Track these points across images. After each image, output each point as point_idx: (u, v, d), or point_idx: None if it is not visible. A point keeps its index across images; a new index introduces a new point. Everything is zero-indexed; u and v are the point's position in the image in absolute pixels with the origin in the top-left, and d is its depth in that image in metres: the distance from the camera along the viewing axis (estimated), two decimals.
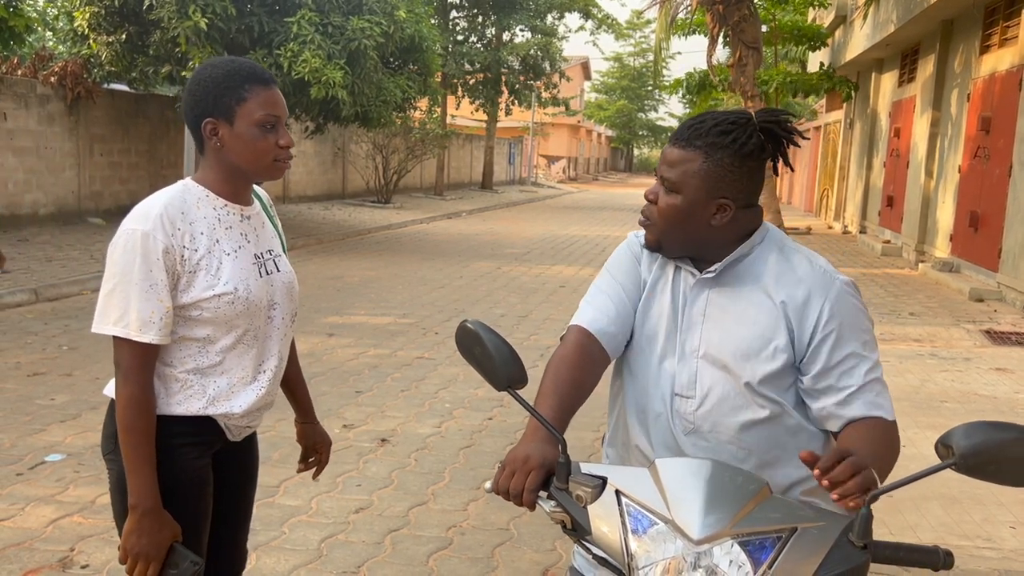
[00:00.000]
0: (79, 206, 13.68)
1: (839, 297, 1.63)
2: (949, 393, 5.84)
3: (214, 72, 1.81)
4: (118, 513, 1.87)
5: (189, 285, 1.79)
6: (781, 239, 1.71)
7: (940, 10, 11.85)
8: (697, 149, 1.60)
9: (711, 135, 1.59)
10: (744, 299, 1.65)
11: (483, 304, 9.09)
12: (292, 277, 2.00)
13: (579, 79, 54.32)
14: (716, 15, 14.70)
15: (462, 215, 21.50)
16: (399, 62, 14.45)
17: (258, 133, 1.80)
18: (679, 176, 1.61)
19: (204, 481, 1.90)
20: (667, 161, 1.64)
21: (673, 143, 1.65)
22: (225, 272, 1.81)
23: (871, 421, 1.59)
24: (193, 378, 1.85)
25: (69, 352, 6.28)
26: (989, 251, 10.18)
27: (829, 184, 22.73)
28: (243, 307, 1.83)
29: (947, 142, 12.55)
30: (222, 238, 1.83)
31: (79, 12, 12.26)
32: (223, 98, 1.79)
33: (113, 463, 1.87)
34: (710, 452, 1.63)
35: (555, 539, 3.58)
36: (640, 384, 1.72)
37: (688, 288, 1.70)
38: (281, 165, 1.86)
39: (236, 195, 1.89)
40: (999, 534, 3.67)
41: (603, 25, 32.97)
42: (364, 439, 4.71)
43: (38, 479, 3.99)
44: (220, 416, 1.89)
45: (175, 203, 1.80)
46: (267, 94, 1.81)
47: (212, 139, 1.82)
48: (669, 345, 1.69)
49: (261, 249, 1.92)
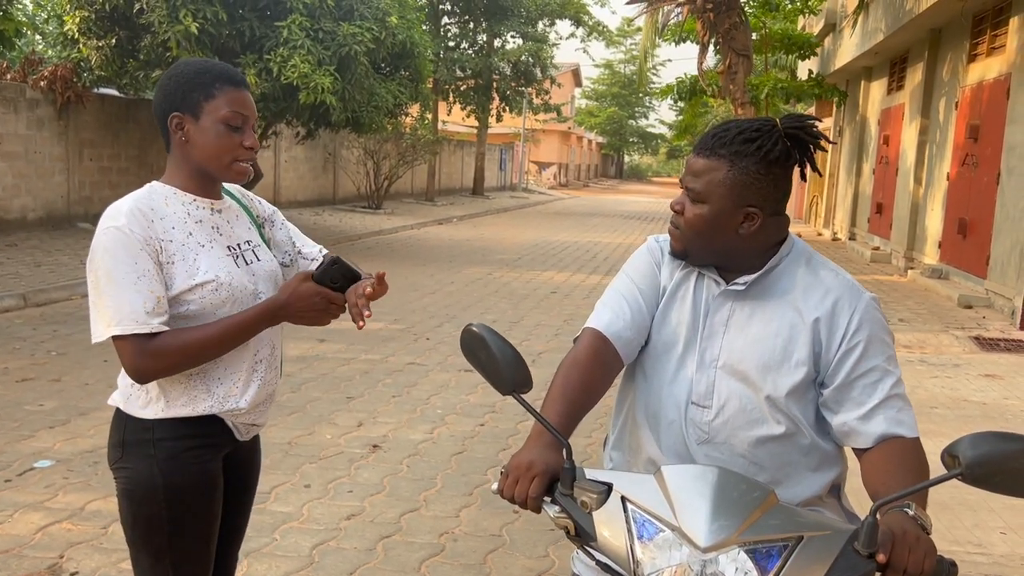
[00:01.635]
0: (68, 211, 13.60)
1: (867, 310, 1.62)
2: (939, 399, 5.86)
3: (186, 69, 1.81)
4: (126, 521, 1.85)
5: (170, 277, 1.77)
6: (808, 252, 1.70)
7: (928, 19, 11.94)
8: (722, 158, 1.58)
9: (736, 143, 1.58)
10: (769, 311, 1.64)
11: (474, 310, 9.08)
12: (275, 265, 1.98)
13: (570, 86, 54.42)
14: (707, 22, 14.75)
15: (453, 221, 21.48)
16: (391, 68, 14.44)
17: (223, 130, 1.80)
18: (705, 186, 1.60)
19: (215, 485, 1.89)
20: (692, 171, 1.62)
21: (697, 153, 1.62)
22: (202, 262, 1.80)
23: (897, 443, 1.56)
24: (195, 379, 1.83)
25: (58, 358, 6.23)
26: (977, 258, 10.24)
27: (818, 191, 22.84)
28: (227, 294, 1.82)
29: (936, 150, 12.63)
30: (194, 231, 1.83)
31: (69, 16, 12.21)
32: (192, 93, 1.79)
33: (119, 472, 1.84)
34: (721, 464, 1.61)
35: (548, 545, 3.57)
36: (654, 390, 1.70)
37: (712, 297, 1.68)
38: (241, 167, 1.84)
39: (204, 191, 1.88)
40: (990, 540, 3.67)
41: (594, 32, 33.03)
42: (356, 445, 4.69)
43: (27, 485, 3.95)
44: (227, 413, 1.87)
45: (143, 200, 1.80)
46: (236, 94, 1.81)
47: (177, 133, 1.81)
48: (688, 353, 1.67)
49: (236, 241, 1.91)
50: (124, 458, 1.82)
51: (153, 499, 1.80)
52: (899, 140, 14.56)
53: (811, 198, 24.06)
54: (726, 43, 14.81)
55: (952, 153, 11.70)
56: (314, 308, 1.83)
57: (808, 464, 1.64)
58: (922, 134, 13.14)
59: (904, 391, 1.62)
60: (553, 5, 29.83)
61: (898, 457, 1.53)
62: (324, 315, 1.85)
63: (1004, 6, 10.21)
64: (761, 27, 17.54)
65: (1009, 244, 9.19)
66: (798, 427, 1.62)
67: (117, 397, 1.88)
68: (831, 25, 18.68)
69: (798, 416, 1.61)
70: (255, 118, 1.87)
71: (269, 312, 1.82)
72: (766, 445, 1.61)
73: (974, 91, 11.02)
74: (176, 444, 1.81)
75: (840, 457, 1.70)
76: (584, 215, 26.61)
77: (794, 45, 18.04)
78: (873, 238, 16.00)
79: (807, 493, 1.64)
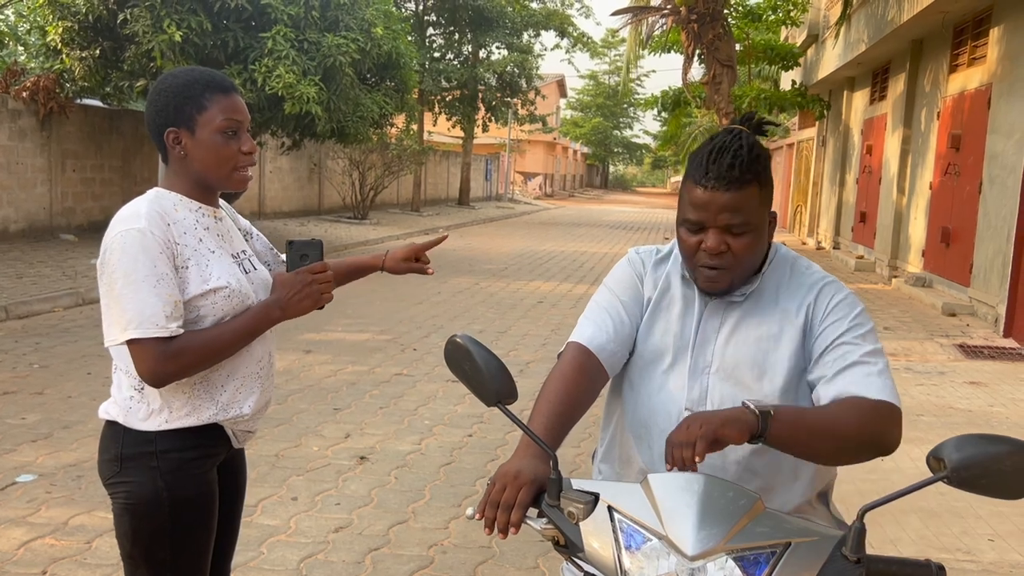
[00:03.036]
0: (51, 222, 13.50)
1: (847, 296, 1.67)
2: (925, 407, 5.89)
3: (174, 82, 1.81)
4: (125, 536, 1.82)
5: (184, 282, 1.77)
6: (792, 255, 1.74)
7: (910, 30, 12.06)
8: (749, 183, 1.56)
9: (750, 162, 1.56)
10: (760, 314, 1.66)
11: (461, 320, 9.07)
12: (267, 274, 2.00)
13: (555, 97, 54.62)
14: (691, 33, 14.85)
15: (439, 231, 21.47)
16: (376, 78, 14.45)
17: (221, 140, 1.80)
18: (747, 216, 1.57)
19: (214, 495, 1.88)
20: (727, 208, 1.55)
21: (723, 187, 1.55)
22: (214, 268, 1.81)
23: (850, 400, 1.50)
24: (198, 387, 1.83)
25: (40, 371, 6.16)
26: (961, 266, 10.32)
27: (803, 200, 22.98)
28: (238, 301, 1.83)
29: (918, 159, 12.74)
30: (204, 237, 1.83)
31: (52, 27, 12.14)
32: (184, 107, 1.79)
33: (117, 488, 1.82)
34: (715, 470, 1.60)
35: (537, 556, 3.55)
36: (643, 400, 1.70)
37: (703, 304, 1.68)
38: (243, 174, 1.85)
39: (206, 199, 1.89)
40: (978, 547, 3.69)
41: (578, 43, 33.16)
42: (343, 457, 4.66)
43: (9, 500, 3.90)
44: (230, 421, 1.87)
45: (155, 204, 1.80)
46: (227, 101, 1.81)
47: (175, 148, 1.81)
48: (678, 361, 1.67)
49: (236, 249, 1.93)
50: (123, 472, 1.79)
51: (158, 513, 1.78)
52: (882, 149, 14.69)
53: (795, 207, 24.22)
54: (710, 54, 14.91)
55: (934, 162, 11.80)
56: (305, 288, 1.87)
57: (800, 471, 1.64)
58: (905, 143, 13.26)
59: (883, 363, 1.58)
60: (538, 16, 29.98)
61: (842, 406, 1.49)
62: (316, 291, 1.89)
63: (984, 17, 10.33)
64: (744, 38, 17.68)
65: (991, 252, 9.28)
66: None
67: (113, 410, 1.84)
68: (814, 36, 18.85)
69: None
70: (248, 120, 1.87)
71: (269, 309, 1.84)
72: (761, 452, 1.61)
73: (955, 101, 11.13)
74: (180, 455, 1.80)
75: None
76: (570, 225, 26.66)
77: (777, 56, 18.19)
78: (857, 247, 16.11)
79: (796, 500, 1.65)
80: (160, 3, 11.19)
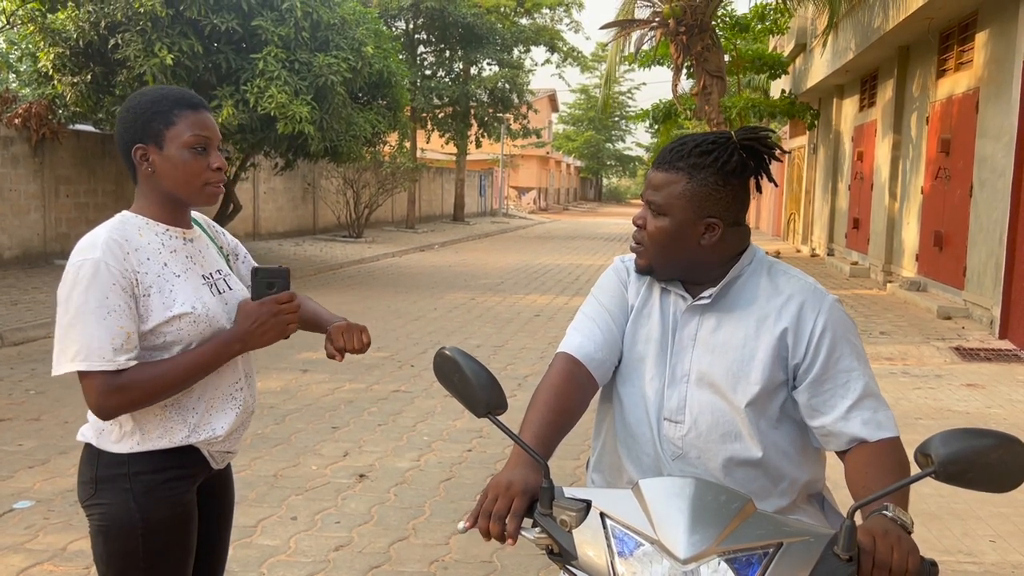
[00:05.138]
0: (45, 248, 13.50)
1: (831, 311, 1.63)
2: (923, 410, 5.89)
3: (143, 99, 1.80)
4: (100, 558, 1.81)
5: (147, 310, 1.75)
6: (769, 261, 1.73)
7: (896, 36, 12.15)
8: (680, 171, 1.61)
9: (692, 156, 1.61)
10: (735, 321, 1.65)
11: (458, 335, 9.06)
12: (246, 294, 1.97)
13: (547, 111, 54.84)
14: (680, 45, 14.96)
15: (434, 247, 21.49)
16: (368, 97, 14.50)
17: (188, 155, 1.79)
18: (665, 199, 1.62)
19: (190, 517, 1.86)
20: (652, 185, 1.65)
21: (656, 167, 1.66)
22: (179, 293, 1.78)
23: (873, 445, 1.56)
24: (170, 410, 1.81)
25: (36, 396, 6.15)
26: (954, 270, 10.36)
27: (796, 208, 23.06)
28: (205, 325, 1.80)
29: (909, 164, 12.81)
30: (169, 261, 1.81)
31: (43, 53, 12.17)
32: (152, 123, 1.78)
33: (92, 509, 1.81)
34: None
35: (539, 570, 3.54)
36: (628, 408, 1.71)
37: (679, 312, 1.69)
38: (213, 189, 1.84)
39: (175, 220, 1.86)
40: (979, 548, 3.69)
41: (568, 58, 33.35)
42: (342, 475, 4.65)
43: (6, 527, 3.88)
44: (203, 443, 1.85)
45: (117, 231, 1.78)
46: (196, 116, 1.80)
47: (143, 165, 1.80)
48: (658, 369, 1.68)
49: (208, 270, 1.90)
50: (98, 494, 1.78)
51: (130, 535, 1.77)
52: (873, 156, 14.76)
53: (788, 215, 24.29)
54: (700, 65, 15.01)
55: (925, 167, 11.87)
56: (270, 319, 1.81)
57: (780, 487, 1.64)
58: (895, 149, 13.33)
59: (877, 389, 1.62)
60: (528, 32, 30.15)
61: (875, 458, 1.54)
62: (282, 322, 1.82)
63: (970, 23, 10.42)
64: (732, 48, 17.79)
65: (984, 255, 9.31)
66: (769, 448, 1.62)
67: (88, 432, 1.84)
68: (802, 45, 18.97)
69: (768, 429, 1.62)
70: (219, 138, 1.86)
71: (229, 342, 1.80)
72: (741, 468, 1.62)
73: (944, 106, 11.20)
74: (153, 477, 1.78)
75: (818, 463, 1.71)
76: (565, 238, 26.70)
77: (765, 65, 18.30)
78: (851, 253, 16.15)
79: (782, 503, 1.65)
80: (151, 27, 11.24)
